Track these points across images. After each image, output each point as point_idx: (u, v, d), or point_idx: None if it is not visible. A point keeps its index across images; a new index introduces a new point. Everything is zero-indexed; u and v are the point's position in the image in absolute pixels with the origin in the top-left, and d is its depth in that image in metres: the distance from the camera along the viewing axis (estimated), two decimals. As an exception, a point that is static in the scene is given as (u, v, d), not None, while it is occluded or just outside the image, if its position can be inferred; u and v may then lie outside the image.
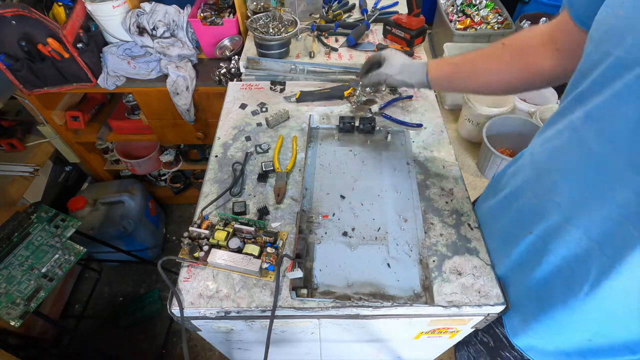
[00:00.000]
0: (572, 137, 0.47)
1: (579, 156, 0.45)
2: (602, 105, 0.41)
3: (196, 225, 0.68)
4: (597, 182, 0.43)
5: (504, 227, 0.64)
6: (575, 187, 0.46)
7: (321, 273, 0.65)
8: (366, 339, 0.80)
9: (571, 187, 0.47)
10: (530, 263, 0.56)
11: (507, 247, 0.62)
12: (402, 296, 0.62)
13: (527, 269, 0.57)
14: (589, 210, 0.44)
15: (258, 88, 1.03)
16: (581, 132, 0.45)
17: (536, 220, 0.53)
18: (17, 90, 1.28)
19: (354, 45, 1.17)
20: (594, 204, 0.44)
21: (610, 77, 0.40)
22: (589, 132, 0.43)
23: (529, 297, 0.58)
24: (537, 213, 0.53)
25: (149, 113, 1.43)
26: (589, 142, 0.43)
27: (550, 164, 0.51)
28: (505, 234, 0.64)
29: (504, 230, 0.64)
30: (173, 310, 0.61)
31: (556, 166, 0.50)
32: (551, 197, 0.50)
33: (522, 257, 0.58)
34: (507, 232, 0.63)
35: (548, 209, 0.51)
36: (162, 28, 1.26)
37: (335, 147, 0.86)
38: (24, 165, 1.49)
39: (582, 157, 0.45)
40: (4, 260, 1.06)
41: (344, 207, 0.74)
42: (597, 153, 0.42)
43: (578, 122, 0.45)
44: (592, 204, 0.44)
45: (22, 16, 1.07)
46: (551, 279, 0.53)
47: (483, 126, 1.19)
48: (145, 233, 1.71)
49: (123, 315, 1.66)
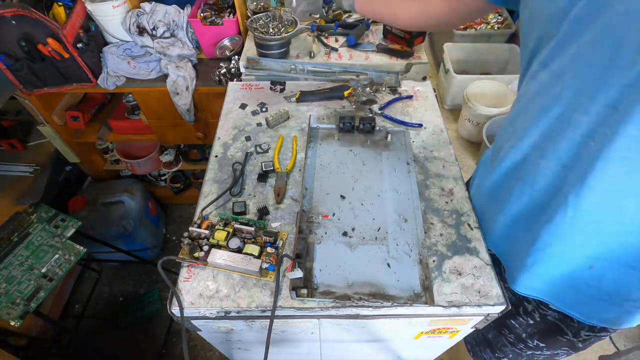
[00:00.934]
0: (533, 86, 0.53)
1: (540, 99, 0.52)
2: (551, 52, 0.49)
3: (196, 225, 0.68)
4: (555, 114, 0.49)
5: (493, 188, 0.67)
6: (543, 124, 0.52)
7: (321, 273, 0.65)
8: (366, 339, 0.80)
9: (540, 125, 0.52)
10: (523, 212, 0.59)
11: (498, 204, 0.65)
12: (402, 296, 0.62)
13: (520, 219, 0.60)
14: (555, 141, 0.50)
15: (258, 88, 1.03)
16: (539, 79, 0.52)
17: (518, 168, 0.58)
18: (17, 90, 1.28)
19: (354, 45, 1.17)
20: (559, 134, 0.49)
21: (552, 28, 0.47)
22: (545, 77, 0.50)
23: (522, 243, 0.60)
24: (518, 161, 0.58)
25: (149, 113, 1.43)
26: (545, 84, 0.50)
27: (522, 117, 0.57)
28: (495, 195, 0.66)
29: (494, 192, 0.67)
30: (173, 310, 0.61)
31: (526, 116, 0.55)
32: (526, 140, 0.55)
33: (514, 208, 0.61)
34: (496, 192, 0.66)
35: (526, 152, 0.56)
36: (162, 28, 1.26)
37: (335, 147, 0.86)
38: (24, 165, 1.49)
39: (542, 98, 0.51)
40: (4, 260, 1.06)
41: (344, 207, 0.74)
42: (551, 90, 0.49)
43: (536, 73, 0.52)
44: (557, 134, 0.50)
45: (22, 16, 1.07)
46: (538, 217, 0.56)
47: (483, 126, 1.19)
48: (145, 233, 1.71)
49: (123, 315, 1.66)
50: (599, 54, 0.42)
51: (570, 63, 0.46)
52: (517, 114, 0.59)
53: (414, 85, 1.03)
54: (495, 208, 0.67)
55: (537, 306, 0.67)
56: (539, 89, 0.52)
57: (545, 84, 0.50)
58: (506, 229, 0.65)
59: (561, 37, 0.46)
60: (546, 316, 0.67)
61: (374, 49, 1.15)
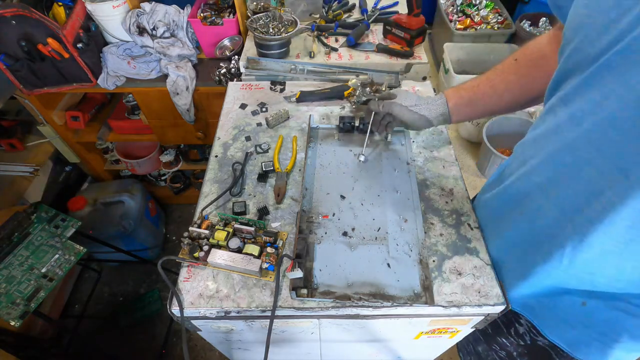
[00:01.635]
0: (550, 123, 0.51)
1: (554, 140, 0.50)
2: (572, 92, 0.47)
3: (196, 225, 0.68)
4: (567, 161, 0.47)
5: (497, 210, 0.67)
6: (550, 167, 0.50)
7: (321, 273, 0.65)
8: (366, 339, 0.80)
9: (548, 168, 0.51)
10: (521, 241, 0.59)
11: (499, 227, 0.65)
12: (402, 296, 0.62)
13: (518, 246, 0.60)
14: (562, 188, 0.49)
15: (258, 88, 1.03)
16: (558, 117, 0.49)
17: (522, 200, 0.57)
18: (17, 90, 1.28)
19: (354, 45, 1.17)
20: (566, 182, 0.48)
21: (579, 68, 0.45)
22: (563, 117, 0.48)
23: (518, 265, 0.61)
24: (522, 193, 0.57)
25: (149, 113, 1.43)
26: (562, 126, 0.48)
27: (533, 150, 0.55)
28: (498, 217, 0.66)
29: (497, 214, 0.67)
30: (173, 310, 0.61)
31: (538, 151, 0.53)
32: (533, 179, 0.54)
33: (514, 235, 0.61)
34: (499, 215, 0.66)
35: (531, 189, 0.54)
36: (162, 28, 1.26)
37: (335, 147, 0.86)
38: (24, 165, 1.49)
39: (556, 140, 0.49)
40: (4, 260, 1.06)
41: (344, 207, 0.74)
42: (567, 135, 0.47)
43: (556, 108, 0.50)
44: (564, 182, 0.48)
45: (22, 16, 1.06)
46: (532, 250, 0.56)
47: (483, 126, 1.19)
48: (145, 233, 1.71)
49: (123, 315, 1.66)
50: (622, 112, 0.40)
51: (590, 112, 0.43)
52: (531, 144, 0.57)
53: (414, 85, 1.03)
54: (495, 229, 0.67)
55: (529, 329, 0.66)
56: (555, 128, 0.50)
57: (563, 126, 0.48)
58: (502, 253, 0.65)
59: (586, 78, 0.44)
60: (537, 341, 0.66)
61: (374, 49, 1.15)
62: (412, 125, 0.75)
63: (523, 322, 0.67)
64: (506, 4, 2.34)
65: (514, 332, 0.69)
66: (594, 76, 0.43)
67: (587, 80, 0.44)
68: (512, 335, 0.69)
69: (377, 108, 0.76)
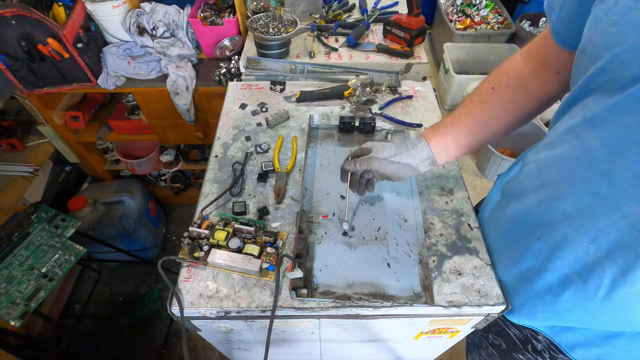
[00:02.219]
0: (577, 147, 0.47)
1: (584, 166, 0.45)
2: (604, 113, 0.42)
3: (196, 225, 0.68)
4: (602, 192, 0.43)
5: (510, 233, 0.62)
6: (581, 196, 0.46)
7: (321, 273, 0.65)
8: (366, 339, 0.80)
9: (577, 196, 0.47)
10: (538, 269, 0.55)
11: (513, 252, 0.61)
12: (402, 296, 0.62)
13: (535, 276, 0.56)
14: (595, 219, 0.44)
15: (258, 88, 1.03)
16: (586, 141, 0.45)
17: (543, 227, 0.53)
18: (17, 90, 1.28)
19: (354, 45, 1.17)
20: (600, 214, 0.44)
21: (613, 89, 0.41)
22: (593, 143, 0.44)
23: (539, 303, 0.57)
24: (545, 220, 0.52)
25: (149, 113, 1.43)
26: (593, 152, 0.44)
27: (556, 173, 0.51)
28: (510, 240, 0.62)
29: (510, 236, 0.62)
30: (173, 310, 0.61)
31: (562, 175, 0.49)
32: (558, 205, 0.49)
33: (529, 263, 0.57)
34: (512, 237, 0.61)
35: (555, 216, 0.50)
36: (162, 28, 1.26)
37: (335, 147, 0.86)
38: (24, 165, 1.49)
39: (587, 167, 0.45)
40: (4, 260, 1.06)
41: (344, 207, 0.74)
42: (601, 165, 0.43)
43: (580, 129, 0.46)
44: (598, 213, 0.44)
45: (22, 16, 1.07)
46: (562, 286, 0.52)
47: (483, 126, 1.19)
48: (145, 233, 1.71)
49: (123, 315, 1.66)
50: None
51: (629, 140, 0.40)
52: (551, 165, 0.52)
53: (414, 85, 1.03)
54: (508, 254, 0.62)
55: (548, 346, 0.63)
56: (583, 154, 0.45)
57: (595, 154, 0.44)
58: (517, 280, 0.61)
59: (621, 101, 0.40)
60: (557, 358, 0.63)
61: (374, 49, 1.15)
62: (396, 177, 0.67)
63: (541, 339, 0.64)
64: (506, 4, 2.34)
65: (532, 348, 0.66)
66: (631, 100, 0.39)
67: (621, 105, 0.40)
68: (530, 351, 0.66)
69: (353, 168, 0.67)
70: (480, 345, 0.80)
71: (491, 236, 0.69)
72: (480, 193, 1.12)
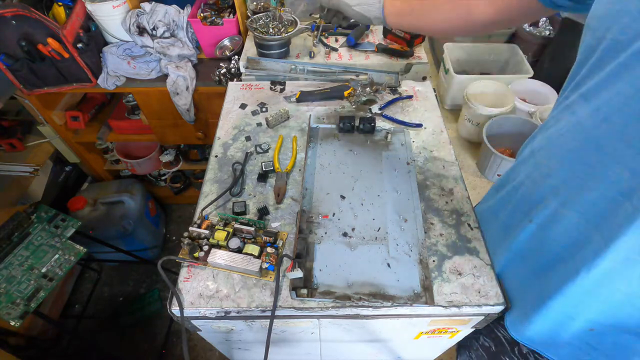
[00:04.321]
0: (569, 121, 0.47)
1: (574, 138, 0.46)
2: (597, 85, 0.43)
3: (196, 225, 0.68)
4: (591, 161, 0.44)
5: (504, 220, 0.64)
6: (570, 169, 0.47)
7: (321, 273, 0.65)
8: (366, 339, 0.80)
9: (567, 169, 0.47)
10: (531, 253, 0.56)
11: (507, 239, 0.62)
12: (402, 296, 0.62)
13: (527, 260, 0.57)
14: (583, 191, 0.45)
15: (258, 88, 1.03)
16: (577, 114, 0.46)
17: (534, 207, 0.53)
18: (17, 90, 1.28)
19: (354, 45, 1.17)
20: (588, 184, 0.44)
21: (605, 58, 0.42)
22: (584, 113, 0.44)
23: (528, 290, 0.58)
24: (535, 200, 0.53)
25: (149, 113, 1.43)
26: (584, 122, 0.44)
27: (548, 151, 0.52)
28: (505, 227, 0.63)
29: (504, 224, 0.64)
30: (173, 310, 0.61)
31: (554, 151, 0.50)
32: (548, 181, 0.50)
33: (522, 247, 0.58)
34: (506, 224, 0.63)
35: (545, 194, 0.51)
36: (162, 28, 1.26)
37: (335, 147, 0.86)
38: (24, 165, 1.49)
39: (578, 138, 0.45)
40: (4, 260, 1.06)
41: (344, 207, 0.74)
42: (591, 132, 0.43)
43: (575, 105, 0.47)
44: (586, 184, 0.44)
45: (22, 16, 1.07)
46: (550, 268, 0.52)
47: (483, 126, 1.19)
48: (145, 233, 1.71)
49: (123, 315, 1.66)
50: None
51: (621, 105, 0.40)
52: (542, 147, 0.53)
53: (414, 85, 1.03)
54: (502, 242, 0.63)
55: (532, 350, 0.64)
56: (574, 126, 0.46)
57: (585, 123, 0.44)
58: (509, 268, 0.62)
59: (614, 69, 0.40)
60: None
61: (374, 49, 1.15)
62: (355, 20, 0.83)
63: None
64: (506, 4, 2.33)
65: (518, 351, 0.67)
66: (624, 66, 0.39)
67: (615, 72, 0.40)
68: (516, 354, 0.67)
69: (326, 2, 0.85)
70: (471, 347, 0.80)
71: (488, 230, 0.70)
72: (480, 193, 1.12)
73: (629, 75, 0.39)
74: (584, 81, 0.46)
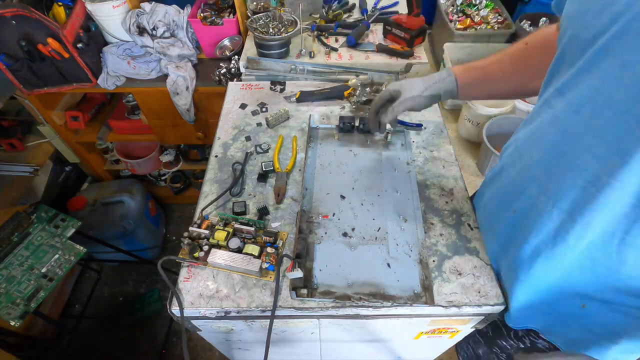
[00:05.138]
0: (548, 114, 0.50)
1: (551, 130, 0.49)
2: (569, 80, 0.46)
3: (196, 225, 0.68)
4: (564, 151, 0.46)
5: (491, 211, 0.66)
6: (548, 159, 0.49)
7: (321, 273, 0.65)
8: (366, 339, 0.80)
9: (545, 159, 0.50)
10: (514, 242, 0.58)
11: (493, 230, 0.64)
12: (402, 296, 0.62)
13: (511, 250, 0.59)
14: (558, 180, 0.47)
15: (258, 88, 1.03)
16: (554, 107, 0.49)
17: (517, 197, 0.56)
18: (17, 90, 1.28)
19: (354, 45, 1.17)
20: (563, 174, 0.47)
21: (575, 55, 0.45)
22: (560, 107, 0.47)
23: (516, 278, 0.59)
24: (518, 189, 0.56)
25: (149, 113, 1.43)
26: (559, 115, 0.47)
27: (530, 143, 0.54)
28: (492, 220, 0.65)
29: (491, 215, 0.66)
30: (173, 310, 0.61)
31: (535, 143, 0.53)
32: (529, 171, 0.53)
33: (507, 238, 0.60)
34: (493, 215, 0.65)
35: (527, 184, 0.53)
36: (162, 28, 1.26)
37: (335, 147, 0.86)
38: (24, 165, 1.49)
39: (554, 130, 0.48)
40: (4, 260, 1.06)
41: (343, 207, 0.74)
42: (565, 123, 0.46)
43: (552, 99, 0.50)
44: (562, 173, 0.47)
45: (22, 16, 1.07)
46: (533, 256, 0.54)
47: (483, 126, 1.19)
48: (145, 233, 1.71)
49: (123, 315, 1.66)
50: (619, 93, 0.39)
51: (589, 98, 0.43)
52: (525, 139, 0.56)
53: (414, 85, 1.02)
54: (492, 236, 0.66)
55: (528, 332, 0.66)
56: (552, 119, 0.49)
57: (560, 116, 0.47)
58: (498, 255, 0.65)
59: (583, 65, 0.43)
60: (536, 343, 0.66)
61: (374, 49, 1.15)
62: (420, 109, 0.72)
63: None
64: (506, 4, 2.33)
65: (514, 334, 0.69)
66: (591, 61, 0.42)
67: (584, 67, 0.43)
68: (512, 337, 0.69)
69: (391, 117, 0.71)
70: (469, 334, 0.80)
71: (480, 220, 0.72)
72: (480, 193, 1.12)
73: (595, 69, 0.42)
74: (559, 76, 0.49)
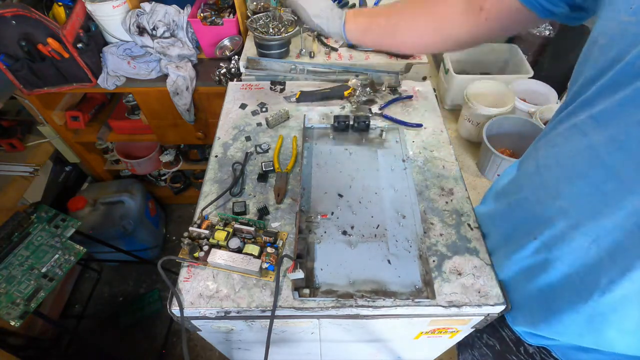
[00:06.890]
0: (580, 142, 0.45)
1: (587, 162, 0.44)
2: (611, 110, 0.41)
3: (196, 225, 0.68)
4: (606, 189, 0.42)
5: (506, 231, 0.63)
6: (582, 193, 0.45)
7: (322, 272, 0.65)
8: (366, 339, 0.80)
9: (578, 193, 0.45)
10: (535, 269, 0.55)
11: (508, 251, 0.61)
12: (404, 292, 0.62)
13: (532, 275, 0.56)
14: (597, 217, 0.43)
15: (258, 88, 1.03)
16: (590, 137, 0.43)
17: (540, 226, 0.52)
18: (17, 90, 1.28)
19: (354, 45, 1.17)
20: (603, 212, 0.42)
21: (621, 82, 0.39)
22: (599, 139, 0.42)
23: (535, 303, 0.57)
24: (542, 219, 0.52)
25: (149, 113, 1.43)
26: (598, 149, 0.42)
27: (556, 170, 0.50)
28: (507, 239, 0.62)
29: (506, 235, 0.63)
30: (173, 310, 0.61)
31: (563, 172, 0.48)
32: (556, 202, 0.49)
33: (525, 262, 0.57)
34: (508, 236, 0.62)
35: (552, 214, 0.49)
36: (162, 28, 1.26)
37: (330, 146, 0.86)
38: (24, 165, 1.49)
39: (591, 163, 0.43)
40: (4, 260, 1.06)
41: (342, 205, 0.74)
42: (606, 160, 0.41)
43: (585, 126, 0.44)
44: (601, 211, 0.42)
45: (22, 16, 1.07)
46: (559, 286, 0.51)
47: (483, 126, 1.19)
48: (145, 233, 1.71)
49: (123, 315, 1.66)
50: None
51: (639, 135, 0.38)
52: (550, 163, 0.51)
53: (414, 85, 1.03)
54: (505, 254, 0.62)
55: (539, 350, 0.64)
56: (587, 149, 0.44)
57: (599, 149, 0.42)
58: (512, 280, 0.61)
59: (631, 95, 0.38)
60: None
61: (373, 49, 1.15)
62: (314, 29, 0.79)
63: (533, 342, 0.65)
64: (506, 4, 2.33)
65: (524, 350, 0.66)
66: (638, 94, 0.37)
67: (631, 98, 0.38)
68: (522, 354, 0.66)
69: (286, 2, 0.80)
70: (474, 345, 0.80)
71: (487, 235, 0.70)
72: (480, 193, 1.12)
73: None
74: (595, 101, 0.43)
